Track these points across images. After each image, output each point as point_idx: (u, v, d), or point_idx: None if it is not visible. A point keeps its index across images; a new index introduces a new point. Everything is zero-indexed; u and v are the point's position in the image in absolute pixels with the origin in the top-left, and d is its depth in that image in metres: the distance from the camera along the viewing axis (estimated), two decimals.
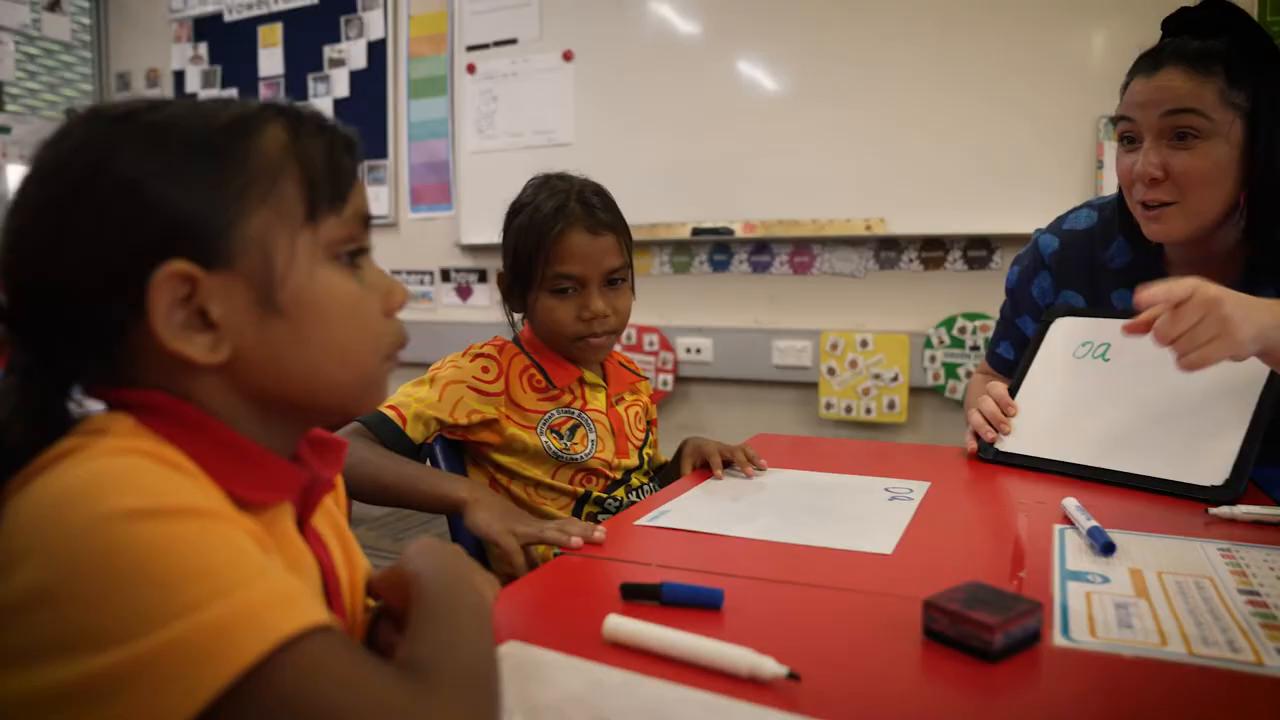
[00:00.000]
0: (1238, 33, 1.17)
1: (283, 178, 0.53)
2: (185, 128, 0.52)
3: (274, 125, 0.54)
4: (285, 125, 0.55)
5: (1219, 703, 0.54)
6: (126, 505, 0.43)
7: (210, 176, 0.51)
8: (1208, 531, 0.90)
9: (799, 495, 1.06)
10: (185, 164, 0.51)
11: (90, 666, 0.40)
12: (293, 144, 0.54)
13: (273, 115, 0.55)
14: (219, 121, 0.52)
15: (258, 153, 0.53)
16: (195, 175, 0.51)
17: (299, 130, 0.55)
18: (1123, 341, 1.22)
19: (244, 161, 0.52)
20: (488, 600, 0.61)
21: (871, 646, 0.62)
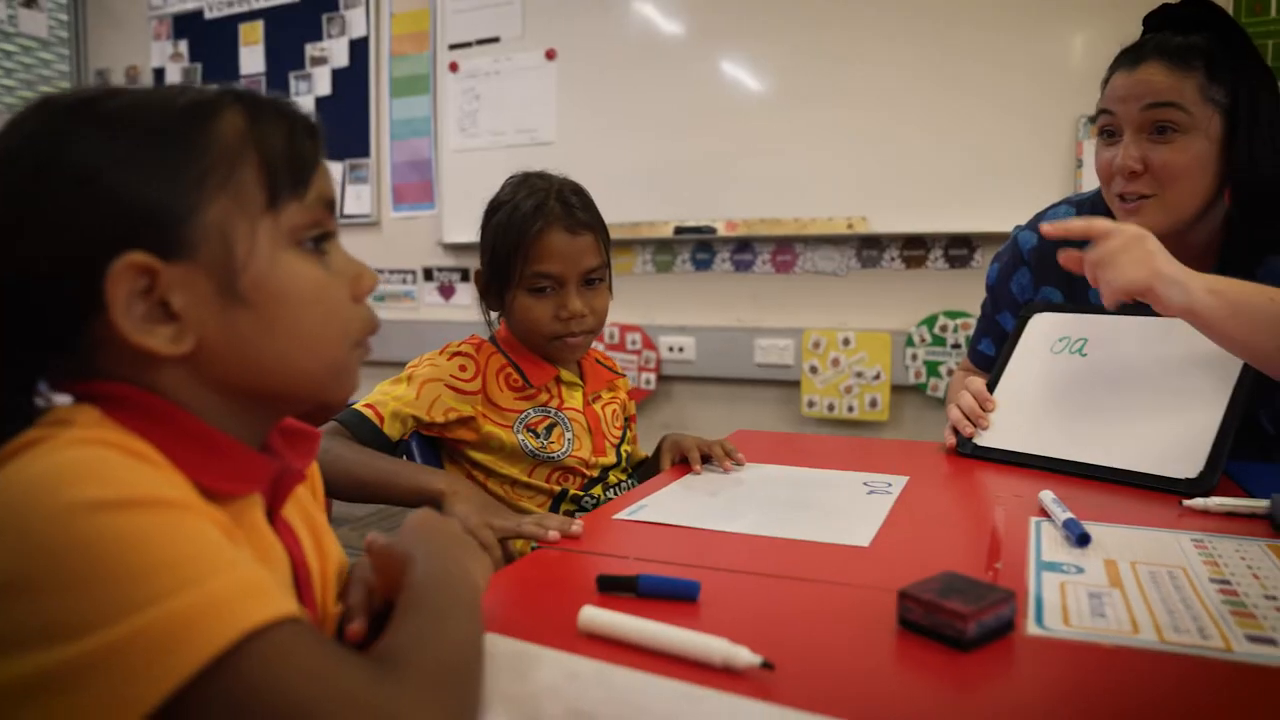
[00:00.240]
0: (1218, 30, 1.19)
1: (241, 164, 0.53)
2: (141, 115, 0.51)
3: (231, 111, 0.53)
4: (243, 111, 0.54)
5: (1189, 689, 0.55)
6: (92, 496, 0.42)
7: (167, 165, 0.50)
8: (1181, 523, 0.91)
9: (777, 490, 1.06)
10: (141, 153, 0.50)
11: (55, 657, 0.39)
12: (251, 129, 0.53)
13: (230, 101, 0.54)
14: (175, 108, 0.52)
15: (215, 139, 0.52)
16: (151, 164, 0.50)
17: (257, 115, 0.54)
18: (1099, 337, 1.23)
19: (201, 149, 0.51)
20: (479, 589, 0.61)
21: (846, 636, 0.62)
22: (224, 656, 0.40)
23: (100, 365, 0.51)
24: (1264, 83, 1.19)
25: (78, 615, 0.40)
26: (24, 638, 0.40)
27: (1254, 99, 1.16)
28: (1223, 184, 1.17)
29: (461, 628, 0.53)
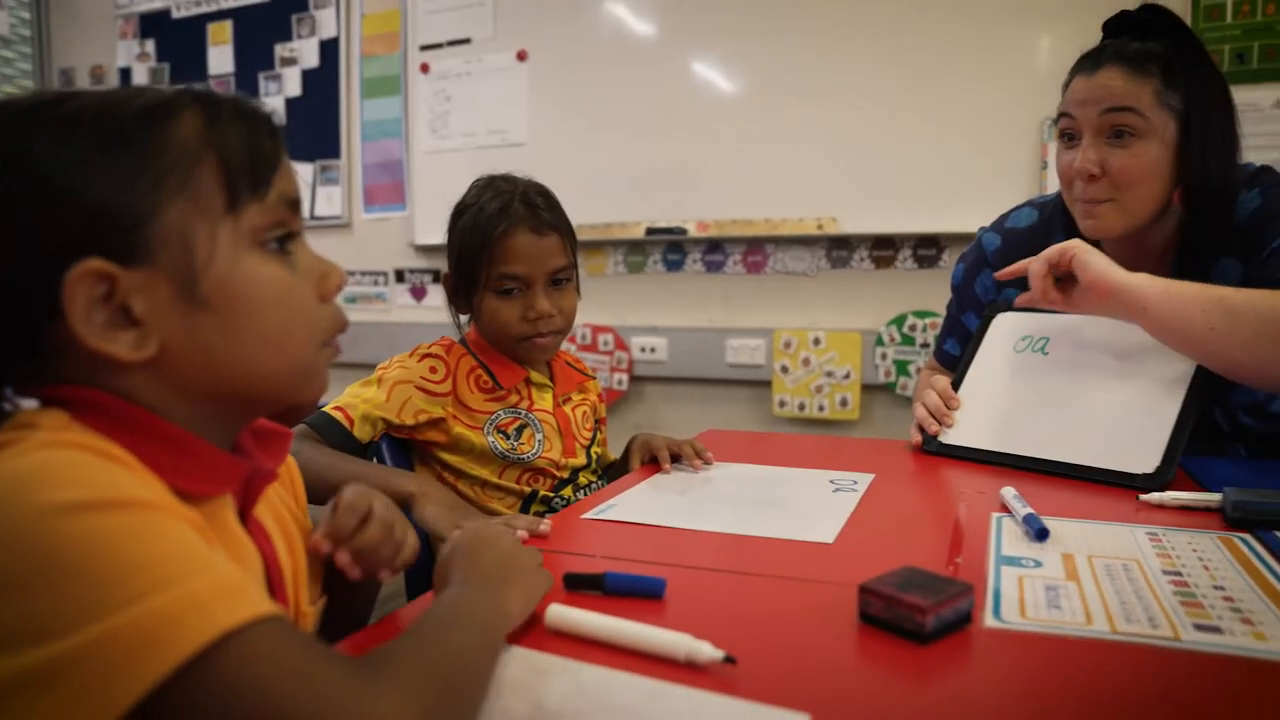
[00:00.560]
0: (1174, 37, 1.21)
1: (199, 166, 0.52)
2: (96, 119, 0.51)
3: (189, 112, 0.53)
4: (201, 112, 0.54)
5: (1138, 677, 0.56)
6: (67, 498, 0.43)
7: (124, 169, 0.50)
8: (1138, 517, 0.93)
9: (745, 488, 1.07)
10: (97, 157, 0.50)
11: (32, 658, 0.40)
12: (209, 130, 0.53)
13: (188, 102, 0.54)
14: (132, 111, 0.51)
15: (173, 142, 0.52)
16: (108, 168, 0.50)
17: (216, 116, 0.54)
18: (1061, 336, 1.26)
19: (158, 152, 0.51)
20: (507, 614, 0.59)
21: (808, 631, 0.63)
22: (202, 656, 0.41)
23: (64, 371, 0.51)
24: (1216, 89, 1.22)
25: (55, 616, 0.40)
26: (1, 639, 0.40)
27: (1206, 105, 1.19)
28: (1175, 186, 1.20)
29: (463, 644, 0.52)
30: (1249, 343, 1.02)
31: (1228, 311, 1.03)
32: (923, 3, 2.59)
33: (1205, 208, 1.20)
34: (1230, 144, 1.23)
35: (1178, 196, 1.20)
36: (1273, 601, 0.67)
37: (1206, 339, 1.04)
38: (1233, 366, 1.06)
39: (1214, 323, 1.03)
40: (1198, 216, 1.21)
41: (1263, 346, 1.02)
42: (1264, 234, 1.17)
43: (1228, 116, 1.22)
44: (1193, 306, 1.04)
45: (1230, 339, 1.03)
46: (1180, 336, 1.07)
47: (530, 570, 0.67)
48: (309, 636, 0.46)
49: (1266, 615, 0.64)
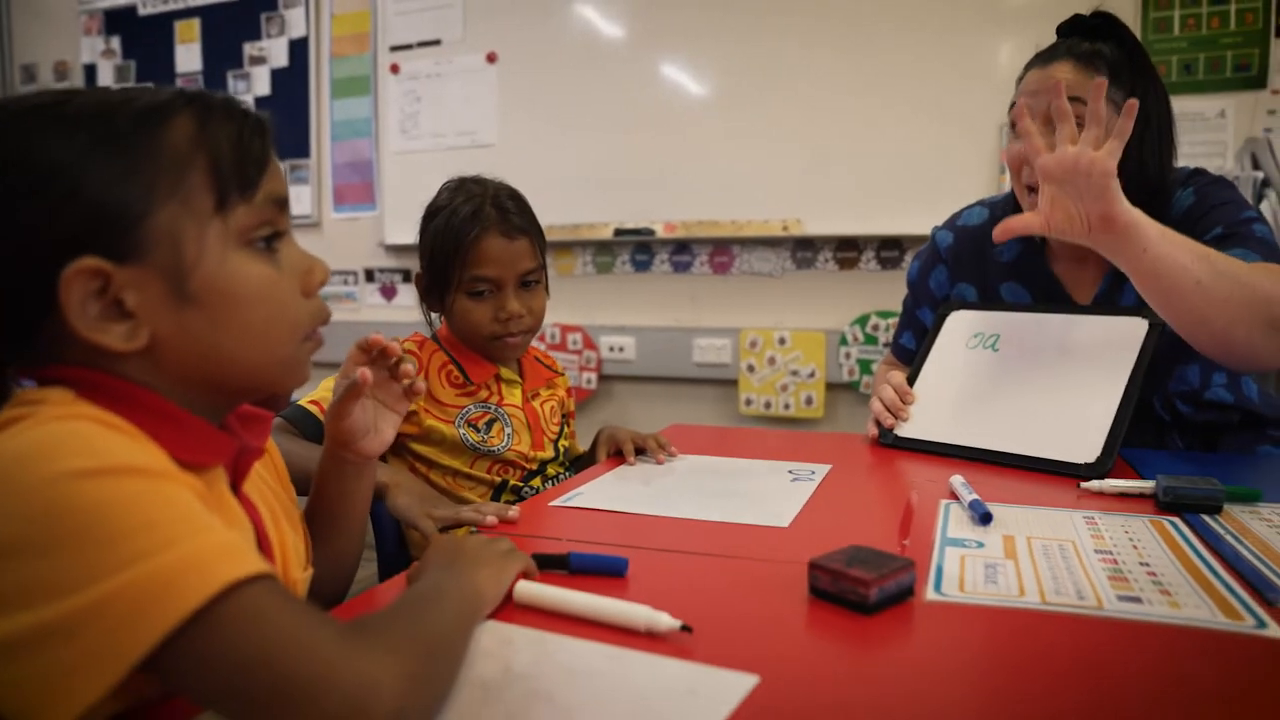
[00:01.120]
0: (1122, 42, 1.28)
1: (191, 170, 0.55)
2: (95, 121, 0.53)
3: (183, 116, 0.56)
4: (194, 115, 0.56)
5: (1063, 641, 0.61)
6: (76, 465, 0.45)
7: (120, 171, 0.53)
8: (1078, 503, 0.98)
9: (706, 478, 1.11)
10: (95, 159, 0.52)
11: (46, 614, 0.42)
12: (200, 134, 0.56)
13: (182, 105, 0.56)
14: (128, 114, 0.54)
15: (166, 145, 0.55)
16: (105, 170, 0.53)
17: (208, 119, 0.57)
18: (1011, 333, 1.31)
19: (152, 155, 0.54)
20: (481, 596, 0.63)
21: (761, 604, 0.68)
22: (203, 611, 0.44)
23: (63, 356, 0.54)
24: (1157, 93, 1.28)
25: (67, 575, 0.43)
26: (16, 597, 0.43)
27: (1149, 105, 1.25)
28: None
29: (441, 619, 0.55)
30: (1225, 303, 1.05)
31: (1213, 267, 1.06)
32: (887, 12, 2.65)
33: (1145, 203, 1.26)
34: (1169, 145, 1.29)
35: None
36: (1191, 576, 0.72)
37: (1191, 291, 1.06)
38: (1200, 324, 1.09)
39: (1201, 275, 1.05)
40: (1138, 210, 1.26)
41: (1234, 306, 1.05)
42: (1197, 229, 1.23)
43: (1168, 119, 1.29)
44: (1186, 254, 1.06)
45: (1211, 294, 1.06)
46: (1168, 283, 1.07)
47: (500, 555, 0.70)
48: (301, 598, 0.49)
49: (1184, 588, 0.69)
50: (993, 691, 0.55)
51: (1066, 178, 1.08)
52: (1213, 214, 1.24)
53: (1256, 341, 1.07)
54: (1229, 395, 1.32)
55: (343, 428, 0.80)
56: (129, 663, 0.43)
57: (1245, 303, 1.05)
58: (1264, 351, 1.09)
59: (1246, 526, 0.87)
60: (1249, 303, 1.05)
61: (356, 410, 0.80)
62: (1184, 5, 2.48)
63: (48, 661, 0.43)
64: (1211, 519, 0.90)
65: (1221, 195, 1.27)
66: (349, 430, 0.80)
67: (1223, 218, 1.24)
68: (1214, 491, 0.92)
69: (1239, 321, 1.06)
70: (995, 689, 0.55)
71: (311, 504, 0.84)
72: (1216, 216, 1.24)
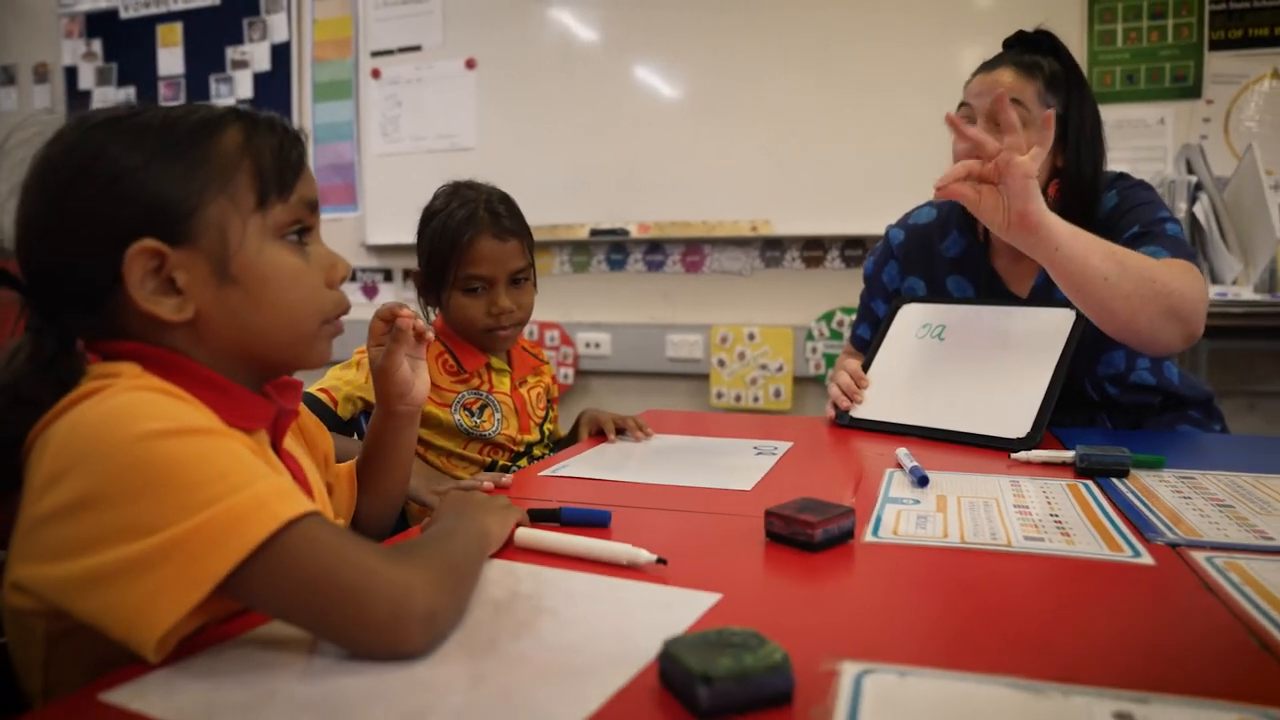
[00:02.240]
0: (1060, 57, 1.42)
1: (238, 173, 0.66)
2: (159, 130, 0.64)
3: (233, 127, 0.67)
4: (242, 128, 0.67)
5: (976, 570, 0.73)
6: (154, 427, 0.56)
7: (179, 172, 0.64)
8: (1007, 471, 1.10)
9: (680, 453, 1.23)
10: (157, 161, 0.63)
11: (138, 549, 0.52)
12: (247, 143, 0.67)
13: (232, 119, 0.67)
14: (186, 125, 0.65)
15: (218, 152, 0.65)
16: (166, 171, 0.63)
17: (254, 131, 0.68)
18: (955, 324, 1.44)
19: (206, 159, 0.65)
20: (487, 533, 0.74)
21: (724, 545, 0.79)
22: (268, 541, 0.54)
23: (123, 327, 0.64)
24: (1088, 103, 1.42)
25: (153, 517, 0.53)
26: (112, 535, 0.53)
27: (1080, 113, 1.39)
28: (1051, 179, 1.40)
29: (458, 547, 0.66)
30: (1130, 297, 1.19)
31: (1119, 264, 1.19)
32: (852, 21, 2.78)
33: (1076, 202, 1.39)
34: (1100, 151, 1.43)
35: (1054, 189, 1.40)
36: (1090, 522, 0.85)
37: (1099, 285, 1.19)
38: (1108, 315, 1.22)
39: (1107, 271, 1.19)
40: (1070, 209, 1.39)
41: (1138, 299, 1.19)
42: (1119, 226, 1.37)
43: (1098, 129, 1.43)
44: (1094, 255, 1.19)
45: (1115, 289, 1.19)
46: (1079, 279, 1.20)
47: (502, 507, 0.81)
48: (345, 528, 0.60)
49: (1082, 530, 0.82)
50: (915, 607, 0.67)
51: (999, 176, 1.20)
52: (1132, 214, 1.38)
53: (1157, 328, 1.21)
54: (1151, 378, 1.46)
55: (395, 383, 0.93)
56: (208, 586, 0.52)
57: (1147, 296, 1.19)
58: (1164, 336, 1.23)
59: (1147, 487, 1.00)
60: (1151, 296, 1.19)
61: (401, 367, 0.92)
62: (1126, 19, 2.64)
63: (140, 587, 0.52)
64: (1120, 482, 1.03)
65: (1141, 197, 1.41)
66: (401, 383, 0.93)
67: (1140, 217, 1.37)
68: (1122, 458, 1.05)
69: (1141, 312, 1.20)
70: (917, 605, 0.67)
71: (366, 454, 0.97)
72: (1135, 216, 1.38)
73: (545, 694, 0.49)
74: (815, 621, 0.62)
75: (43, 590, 0.55)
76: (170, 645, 0.53)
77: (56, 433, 0.57)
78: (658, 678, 0.50)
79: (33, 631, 0.58)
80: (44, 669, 0.59)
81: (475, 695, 0.50)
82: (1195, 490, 0.98)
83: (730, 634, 0.50)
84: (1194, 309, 1.23)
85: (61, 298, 0.64)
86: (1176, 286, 1.21)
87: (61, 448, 0.56)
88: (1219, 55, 2.59)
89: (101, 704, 0.49)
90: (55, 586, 0.54)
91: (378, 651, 0.54)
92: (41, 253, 0.63)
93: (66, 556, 0.53)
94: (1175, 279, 1.21)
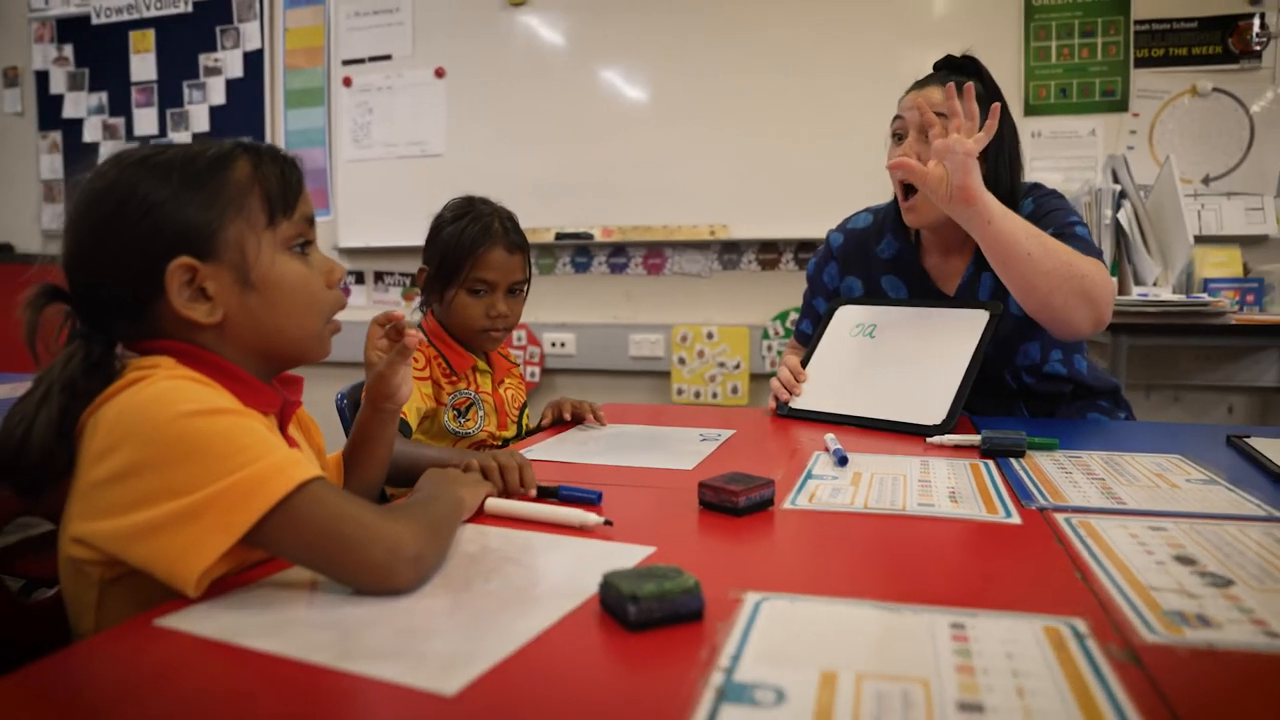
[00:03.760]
0: (983, 79, 1.56)
1: (250, 197, 0.79)
2: (181, 166, 0.77)
3: (242, 159, 0.80)
4: (250, 159, 0.80)
5: (873, 529, 0.87)
6: (188, 408, 0.68)
7: (202, 200, 0.77)
8: (921, 453, 1.25)
9: (630, 440, 1.37)
10: (184, 193, 0.76)
11: (179, 505, 0.65)
12: (255, 172, 0.80)
13: (240, 153, 0.80)
14: (204, 160, 0.78)
15: (232, 181, 0.78)
16: (191, 200, 0.76)
17: (259, 162, 0.81)
18: (885, 323, 1.59)
19: (223, 187, 0.78)
20: (461, 500, 0.86)
21: (663, 511, 0.93)
22: (285, 499, 0.66)
23: (159, 331, 0.77)
24: (1007, 121, 1.56)
25: (192, 479, 0.66)
26: (157, 495, 0.65)
27: (1001, 132, 1.54)
28: None
29: (438, 509, 0.79)
30: (1048, 275, 1.35)
31: (1041, 244, 1.36)
32: (806, 38, 2.94)
33: None
34: (1018, 163, 1.58)
35: None
36: (980, 493, 0.99)
37: (1023, 260, 1.35)
38: (1029, 289, 1.38)
39: (1031, 249, 1.35)
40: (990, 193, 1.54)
41: (1055, 277, 1.36)
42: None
43: (1016, 144, 1.58)
44: (1020, 232, 1.36)
45: (1038, 265, 1.35)
46: (1006, 252, 1.36)
47: (474, 481, 0.94)
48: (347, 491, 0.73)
49: (970, 499, 0.97)
50: (813, 555, 0.81)
51: (944, 153, 1.35)
52: (1047, 218, 1.54)
53: (1071, 307, 1.38)
54: (1063, 369, 1.62)
55: (388, 386, 1.04)
56: (237, 535, 0.65)
57: (1064, 276, 1.35)
58: (1076, 316, 1.39)
59: (1038, 465, 1.15)
60: (1067, 276, 1.36)
61: (398, 374, 1.04)
62: (1059, 37, 2.81)
63: (183, 536, 0.65)
64: (1016, 461, 1.17)
65: (1054, 204, 1.57)
66: (393, 387, 1.04)
67: (1054, 221, 1.53)
68: (1018, 440, 1.20)
69: (1058, 290, 1.36)
70: (815, 554, 0.81)
71: (352, 445, 1.09)
72: (1050, 220, 1.53)
73: (510, 616, 0.63)
74: (731, 566, 0.76)
75: (100, 543, 0.67)
76: (205, 584, 0.66)
77: (106, 414, 0.69)
78: (599, 604, 0.64)
79: (89, 577, 0.71)
80: (96, 609, 0.71)
81: (454, 618, 0.63)
82: (1077, 467, 1.13)
83: (656, 569, 0.64)
84: (1104, 295, 1.40)
85: (106, 308, 0.76)
86: (1089, 272, 1.37)
87: (112, 426, 0.68)
88: (1143, 72, 2.77)
89: (155, 627, 0.61)
90: (111, 538, 0.66)
91: (375, 588, 0.67)
92: (90, 273, 0.76)
93: (120, 514, 0.66)
94: (1089, 266, 1.38)
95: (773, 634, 0.59)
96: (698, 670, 0.53)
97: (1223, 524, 0.85)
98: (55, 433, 0.70)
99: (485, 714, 0.49)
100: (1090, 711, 0.48)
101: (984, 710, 0.48)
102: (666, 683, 0.52)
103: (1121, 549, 0.78)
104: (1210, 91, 2.75)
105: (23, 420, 0.70)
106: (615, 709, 0.50)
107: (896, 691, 0.51)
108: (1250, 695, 0.52)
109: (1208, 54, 2.73)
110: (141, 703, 0.51)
